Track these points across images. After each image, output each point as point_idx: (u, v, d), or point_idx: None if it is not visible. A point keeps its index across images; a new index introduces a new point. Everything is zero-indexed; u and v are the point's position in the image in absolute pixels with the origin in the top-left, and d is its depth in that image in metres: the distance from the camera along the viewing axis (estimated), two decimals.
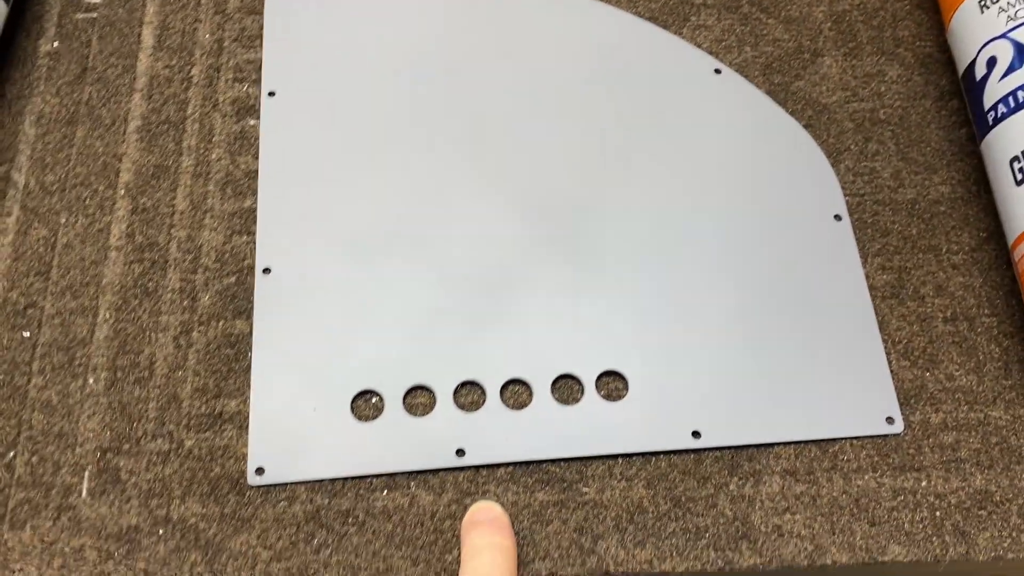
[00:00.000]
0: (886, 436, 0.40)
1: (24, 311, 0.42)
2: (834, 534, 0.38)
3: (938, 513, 0.39)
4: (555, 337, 0.41)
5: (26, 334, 0.42)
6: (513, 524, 0.38)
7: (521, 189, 0.45)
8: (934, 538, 0.38)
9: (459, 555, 0.38)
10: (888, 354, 0.42)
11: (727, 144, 0.46)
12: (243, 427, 0.40)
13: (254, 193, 0.45)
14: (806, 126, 0.47)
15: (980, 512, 0.39)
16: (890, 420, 0.40)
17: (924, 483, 0.39)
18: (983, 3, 0.43)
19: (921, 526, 0.38)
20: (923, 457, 0.40)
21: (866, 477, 0.39)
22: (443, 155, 0.46)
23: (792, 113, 0.47)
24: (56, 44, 0.49)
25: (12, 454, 0.39)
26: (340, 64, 0.48)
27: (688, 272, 0.43)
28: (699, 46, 0.49)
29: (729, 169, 0.45)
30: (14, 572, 0.37)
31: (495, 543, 0.36)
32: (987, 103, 0.42)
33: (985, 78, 0.42)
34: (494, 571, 0.35)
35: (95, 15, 0.50)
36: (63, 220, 0.44)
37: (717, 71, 0.48)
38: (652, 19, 0.50)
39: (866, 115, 0.47)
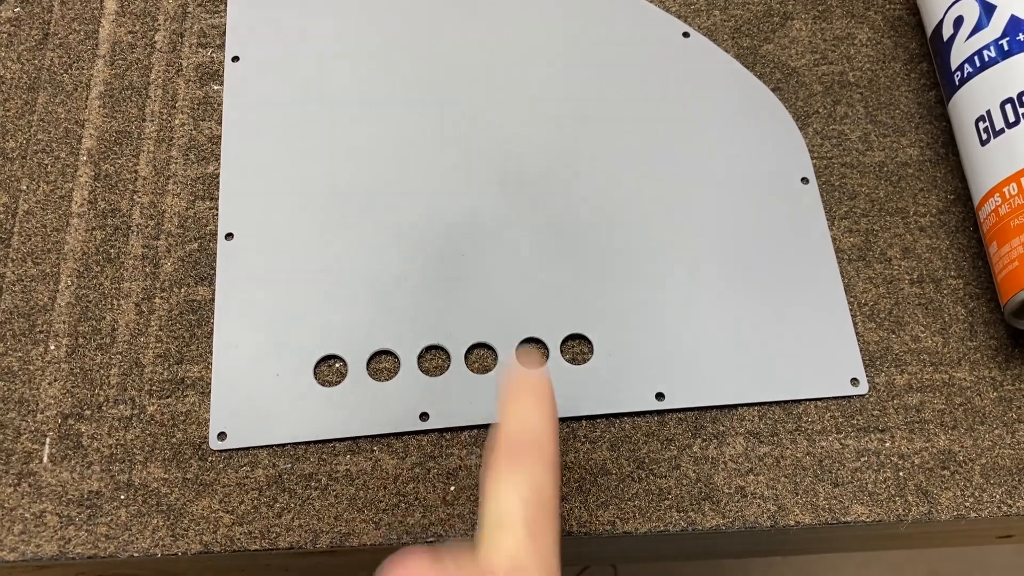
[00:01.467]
0: (850, 397, 0.40)
1: None
2: (797, 495, 0.38)
3: (901, 473, 0.39)
4: (520, 301, 0.41)
5: None
6: (476, 487, 0.38)
7: (486, 153, 0.44)
8: (897, 498, 0.38)
9: (421, 518, 0.38)
10: (854, 316, 0.42)
11: (695, 108, 0.46)
12: (205, 393, 0.40)
13: (217, 159, 0.45)
14: (774, 89, 0.47)
15: (943, 472, 0.39)
16: (855, 381, 0.40)
17: (888, 444, 0.39)
18: None
19: (884, 486, 0.38)
20: (887, 418, 0.40)
21: (830, 438, 0.39)
22: (407, 119, 0.45)
23: (761, 77, 0.47)
24: (17, 10, 0.48)
25: None
26: (304, 29, 0.47)
27: (653, 235, 0.43)
28: (668, 10, 0.49)
29: (697, 133, 0.45)
30: None
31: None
32: (954, 63, 0.42)
33: (952, 38, 0.42)
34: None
35: None
36: (24, 187, 0.44)
37: (685, 35, 0.48)
38: None
39: (835, 78, 0.47)
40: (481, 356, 0.41)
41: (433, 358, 0.41)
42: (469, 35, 0.47)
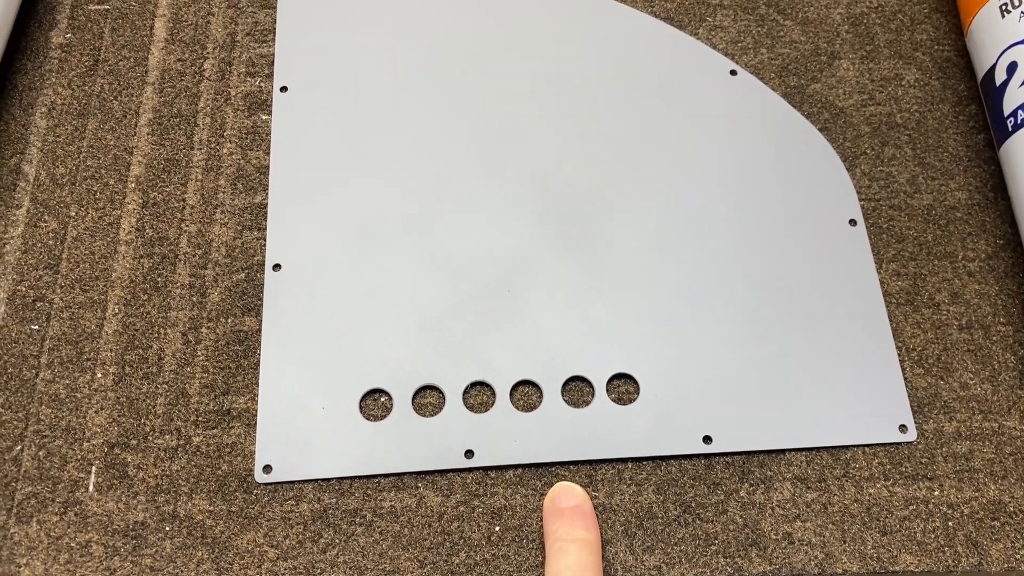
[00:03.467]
0: (899, 444, 0.40)
1: (33, 304, 0.42)
2: (845, 542, 0.38)
3: (950, 523, 0.38)
4: (566, 338, 0.41)
5: (35, 327, 0.42)
6: (521, 527, 0.38)
7: (534, 188, 0.45)
8: (946, 548, 0.38)
9: (466, 558, 0.37)
10: (902, 361, 0.41)
11: (742, 147, 0.46)
12: (251, 424, 0.40)
13: (265, 188, 0.45)
14: (822, 129, 0.46)
15: (993, 523, 0.38)
16: (903, 428, 0.40)
17: (937, 492, 0.39)
18: (1004, 7, 0.43)
19: (933, 536, 0.38)
20: (936, 466, 0.39)
21: (878, 485, 0.39)
22: (456, 152, 0.45)
23: (808, 116, 0.47)
24: (68, 36, 0.49)
25: (19, 447, 0.39)
26: (352, 60, 0.48)
27: (701, 274, 0.43)
28: (715, 47, 0.49)
29: (744, 172, 0.45)
30: (20, 567, 0.37)
31: (580, 537, 0.35)
32: (1007, 109, 0.42)
33: (1005, 84, 0.42)
34: (584, 571, 0.34)
35: (108, 7, 0.49)
36: (73, 213, 0.44)
37: (733, 72, 0.48)
38: (668, 19, 0.49)
39: (883, 119, 0.47)
40: (526, 394, 0.40)
41: (478, 394, 0.40)
42: (516, 68, 0.47)
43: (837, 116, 0.47)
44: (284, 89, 0.47)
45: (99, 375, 0.41)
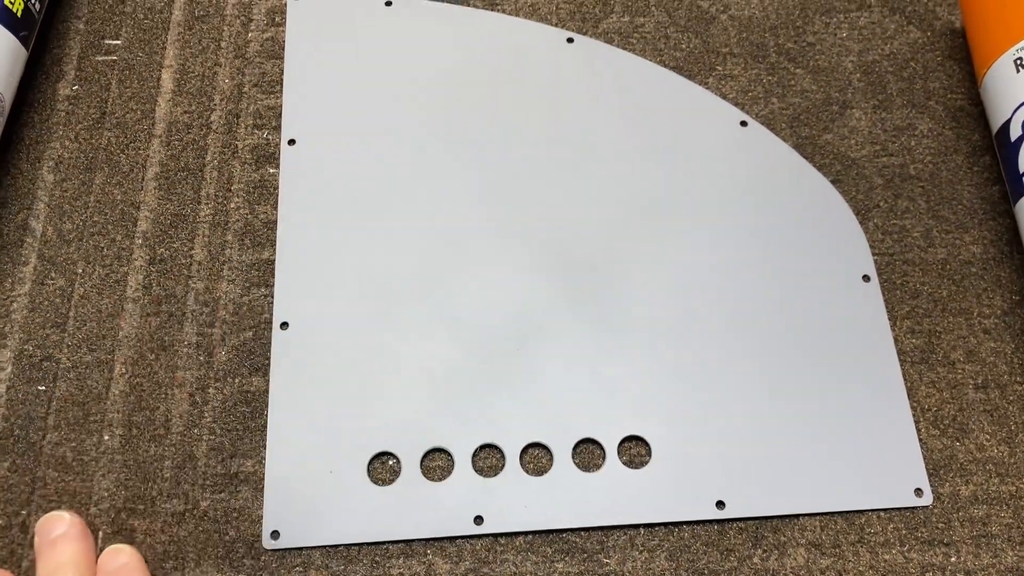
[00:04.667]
0: (914, 508, 0.39)
1: (40, 364, 0.42)
2: None
3: None
4: (577, 399, 0.41)
5: (42, 388, 0.41)
6: None
7: (543, 245, 0.44)
8: None
9: None
10: (917, 422, 0.41)
11: (753, 199, 0.45)
12: (259, 488, 0.39)
13: (273, 244, 0.44)
14: (834, 181, 0.46)
15: None
16: (918, 492, 0.39)
17: (953, 559, 0.38)
18: (1019, 62, 0.42)
19: None
20: (952, 531, 0.39)
21: (893, 551, 0.38)
22: (465, 208, 0.45)
23: (820, 167, 0.46)
24: (76, 87, 0.48)
25: (26, 513, 0.39)
26: (361, 112, 0.47)
27: (712, 333, 0.42)
28: (725, 97, 0.48)
29: (755, 226, 0.45)
30: None
31: (69, 560, 0.36)
32: (1023, 166, 0.41)
33: (1020, 140, 0.41)
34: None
35: (115, 58, 0.49)
36: (80, 270, 0.44)
37: (743, 123, 0.47)
38: (677, 68, 0.49)
39: (896, 170, 0.46)
40: (536, 456, 0.40)
41: (488, 457, 0.40)
42: (527, 123, 0.47)
43: (849, 167, 0.46)
44: (292, 142, 0.47)
45: (106, 437, 0.40)
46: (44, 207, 0.45)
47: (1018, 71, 0.42)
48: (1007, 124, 0.42)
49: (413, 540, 0.38)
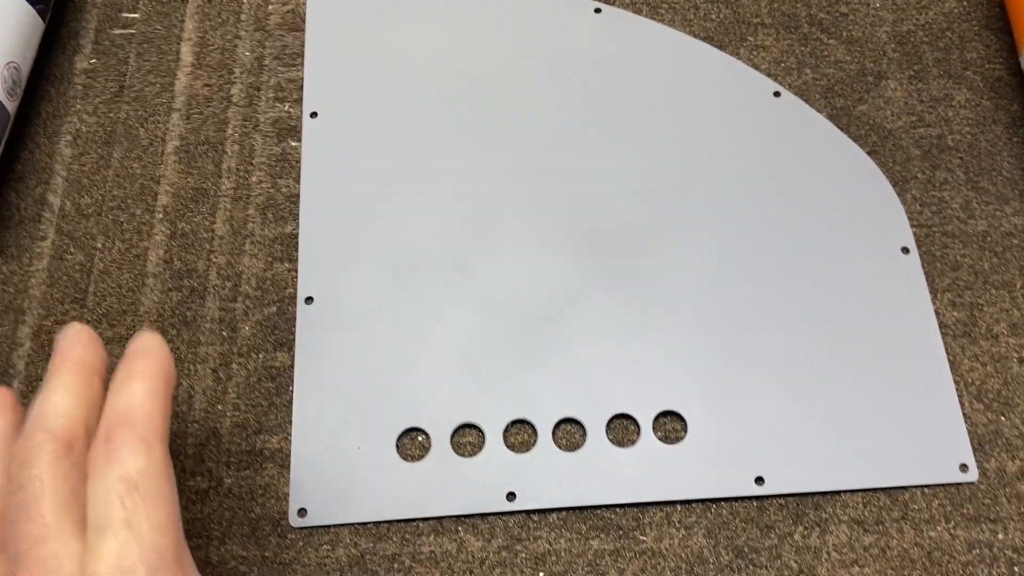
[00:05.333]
0: (959, 484, 0.38)
1: None
2: None
3: (1016, 568, 0.36)
4: (610, 375, 0.40)
5: None
6: (565, 573, 0.36)
7: (573, 216, 0.43)
8: None
9: None
10: (960, 396, 0.40)
11: (787, 172, 0.44)
12: (284, 465, 0.38)
13: (296, 218, 0.43)
14: (870, 152, 0.45)
15: None
16: (964, 467, 0.38)
17: (1001, 536, 0.37)
18: None
19: None
20: (999, 508, 0.38)
21: (939, 528, 0.37)
22: (493, 180, 0.44)
23: (855, 139, 0.45)
24: (93, 61, 0.48)
25: None
26: (384, 84, 0.46)
27: (748, 307, 0.41)
28: (757, 68, 0.47)
29: (790, 198, 0.43)
30: None
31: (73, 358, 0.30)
32: None
33: None
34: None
35: (133, 31, 0.48)
36: (99, 245, 0.43)
37: (776, 94, 0.46)
38: (708, 39, 0.48)
39: (933, 141, 0.45)
40: (569, 432, 0.39)
41: (519, 433, 0.39)
42: (555, 94, 0.46)
43: (886, 139, 0.45)
44: (314, 115, 0.46)
45: None
46: (62, 181, 0.44)
47: None
48: None
49: (444, 517, 0.37)
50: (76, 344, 0.31)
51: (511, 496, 0.38)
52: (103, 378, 0.30)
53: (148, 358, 0.30)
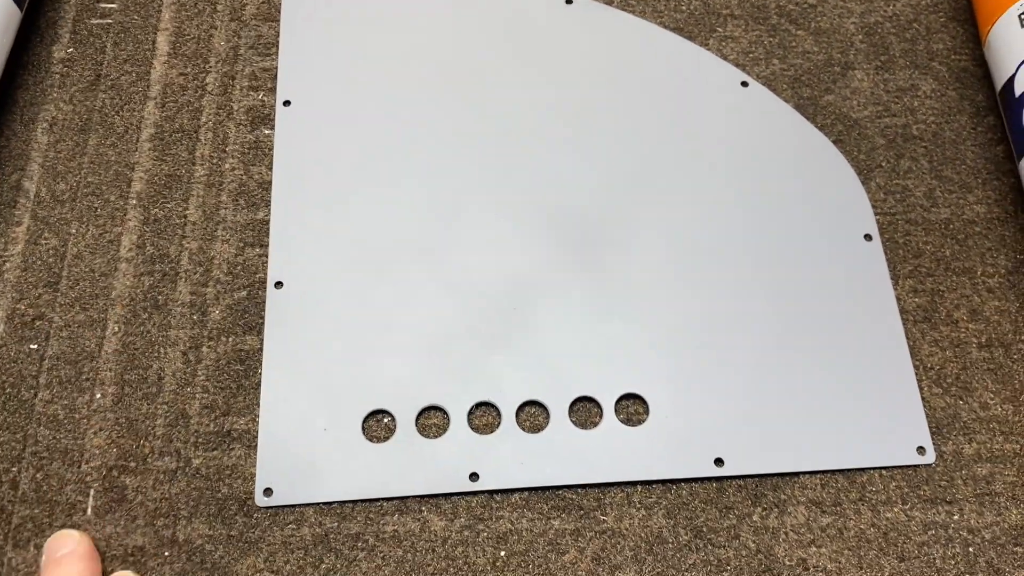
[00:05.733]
0: (917, 467, 0.39)
1: (32, 323, 0.41)
2: (861, 569, 0.37)
3: (971, 549, 0.37)
4: (573, 358, 0.40)
5: (33, 346, 0.41)
6: (527, 552, 0.37)
7: (540, 204, 0.44)
8: (966, 575, 0.36)
9: None
10: (919, 381, 0.40)
11: (754, 160, 0.45)
12: (252, 446, 0.39)
13: (267, 204, 0.44)
14: (835, 141, 0.45)
15: (1016, 548, 0.37)
16: (921, 450, 0.39)
17: (956, 517, 0.38)
18: (1023, 17, 0.41)
19: (953, 562, 0.37)
20: (955, 490, 0.38)
21: (895, 509, 0.38)
22: (460, 169, 0.45)
23: (821, 128, 0.46)
24: (71, 50, 0.48)
25: (16, 470, 0.39)
26: (356, 73, 0.47)
27: (711, 292, 0.42)
28: (726, 58, 0.48)
29: (756, 186, 0.44)
30: None
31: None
32: None
33: None
34: None
35: (110, 21, 0.49)
36: (73, 230, 0.44)
37: (744, 84, 0.47)
38: (677, 30, 0.48)
39: (898, 131, 0.46)
40: (532, 415, 0.40)
41: (483, 415, 0.40)
42: (524, 84, 0.47)
43: (851, 128, 0.46)
44: (287, 103, 0.46)
45: (98, 395, 0.40)
46: (38, 168, 0.45)
47: (1022, 26, 0.41)
48: (1011, 80, 0.42)
49: (408, 497, 0.38)
50: (76, 560, 0.35)
51: (474, 476, 0.38)
52: None
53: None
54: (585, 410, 0.40)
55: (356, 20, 0.48)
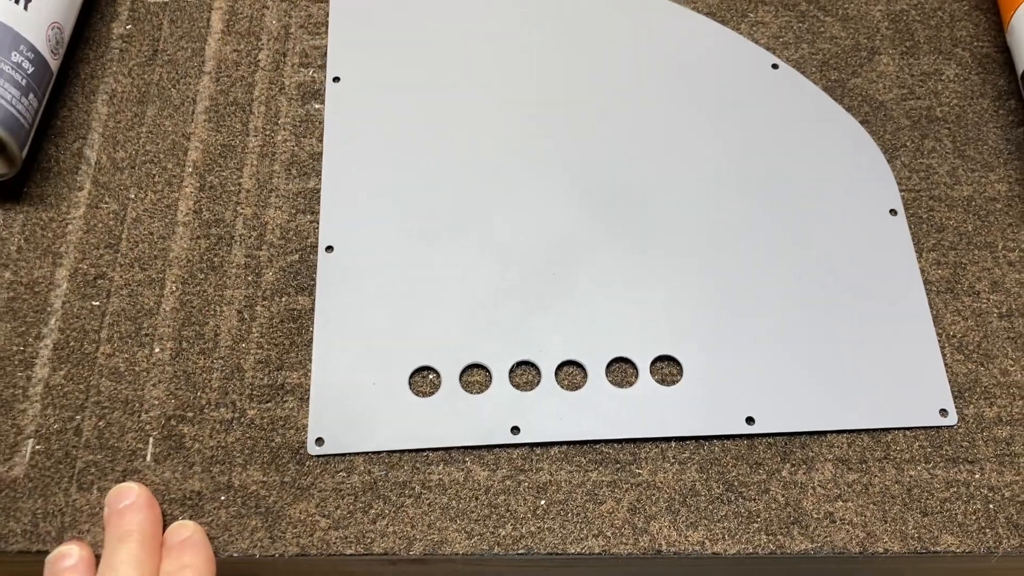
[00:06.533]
0: (939, 428, 0.40)
1: (94, 281, 0.43)
2: (886, 522, 0.38)
3: (991, 505, 0.39)
4: (611, 320, 0.42)
5: (96, 303, 0.43)
6: (565, 502, 0.39)
7: (581, 175, 0.46)
8: (987, 530, 0.38)
9: (512, 530, 0.38)
10: (942, 347, 0.42)
11: (784, 137, 0.47)
12: (304, 399, 0.41)
13: (318, 174, 0.46)
14: (862, 122, 0.47)
15: None
16: (943, 412, 0.40)
17: (977, 475, 0.39)
18: None
19: (974, 518, 0.38)
20: (976, 450, 0.40)
21: (919, 467, 0.39)
22: (504, 139, 0.47)
23: (849, 110, 0.48)
24: (129, 27, 0.50)
25: (80, 418, 0.41)
26: (403, 51, 0.49)
27: (744, 260, 0.43)
28: (756, 42, 0.50)
29: (786, 162, 0.46)
30: (82, 532, 0.38)
31: (135, 530, 0.37)
32: None
33: None
34: (138, 565, 0.36)
35: (166, 0, 0.51)
36: (132, 195, 0.46)
37: (774, 66, 0.48)
38: (710, 14, 0.50)
39: (922, 113, 0.48)
40: (571, 374, 0.41)
41: (524, 373, 0.41)
42: (566, 61, 0.49)
43: (877, 109, 0.48)
44: (337, 79, 0.48)
45: (157, 350, 0.42)
46: (98, 137, 0.47)
47: None
48: None
49: (452, 448, 0.40)
50: (136, 511, 0.37)
51: (515, 430, 0.40)
52: (161, 543, 0.37)
53: (197, 552, 0.37)
54: (621, 370, 0.41)
55: (401, 1, 0.51)
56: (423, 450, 0.40)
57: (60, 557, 0.37)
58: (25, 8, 0.43)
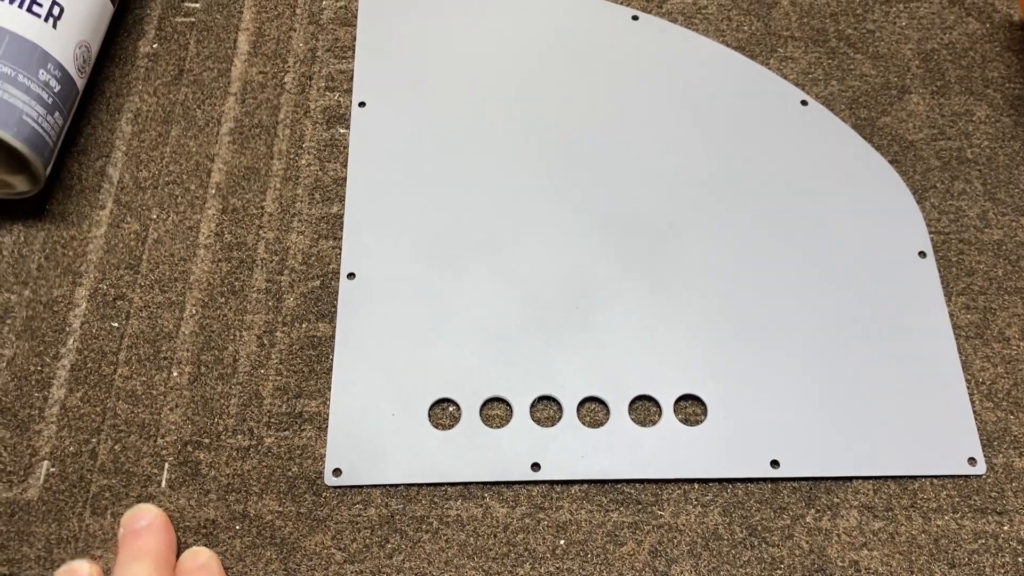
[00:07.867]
0: (967, 477, 0.40)
1: (114, 302, 0.43)
2: (912, 573, 0.38)
3: (1021, 559, 0.38)
4: (634, 357, 0.42)
5: (115, 324, 0.43)
6: (586, 542, 0.38)
7: (606, 209, 0.45)
8: None
9: (530, 570, 0.38)
10: (971, 394, 0.41)
11: (812, 175, 0.46)
12: (322, 428, 0.40)
13: (341, 200, 0.46)
14: (892, 162, 0.47)
15: None
16: (972, 461, 0.40)
17: (1007, 527, 0.39)
18: None
19: (1003, 571, 0.38)
20: (1006, 500, 0.39)
21: (946, 517, 0.39)
22: (529, 172, 0.46)
23: (878, 148, 0.47)
24: (155, 46, 0.50)
25: (96, 441, 0.40)
26: (429, 78, 0.49)
27: (771, 300, 0.43)
28: (786, 77, 0.49)
29: (814, 200, 0.45)
30: (95, 557, 0.38)
31: (148, 551, 0.37)
32: None
33: None
34: None
35: (194, 19, 0.51)
36: (154, 216, 0.45)
37: (803, 103, 0.48)
38: (740, 49, 0.50)
39: (953, 154, 0.47)
40: (593, 410, 0.41)
41: (545, 408, 0.41)
42: (593, 93, 0.48)
43: (907, 149, 0.47)
44: (363, 104, 0.48)
45: (175, 374, 0.42)
46: (122, 155, 0.47)
47: None
48: None
49: (471, 483, 0.39)
50: (153, 533, 0.37)
51: (536, 467, 0.39)
52: (174, 568, 0.37)
53: None
54: (644, 408, 0.41)
55: (428, 28, 0.50)
56: (441, 484, 0.39)
57: (70, 573, 0.37)
58: (54, 27, 0.43)
